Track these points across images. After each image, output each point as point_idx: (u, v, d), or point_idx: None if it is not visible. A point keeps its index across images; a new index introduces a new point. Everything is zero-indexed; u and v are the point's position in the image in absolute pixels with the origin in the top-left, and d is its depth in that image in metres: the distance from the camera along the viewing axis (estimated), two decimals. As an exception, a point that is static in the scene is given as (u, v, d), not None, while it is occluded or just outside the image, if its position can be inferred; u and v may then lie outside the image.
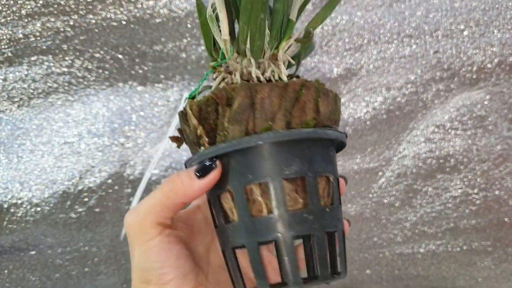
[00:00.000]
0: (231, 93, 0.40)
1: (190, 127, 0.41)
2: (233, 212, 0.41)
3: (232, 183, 0.40)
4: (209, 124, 0.40)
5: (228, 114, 0.40)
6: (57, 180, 0.71)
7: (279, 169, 0.40)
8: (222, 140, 0.40)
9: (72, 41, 0.68)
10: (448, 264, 0.79)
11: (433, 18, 0.72)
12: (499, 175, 0.76)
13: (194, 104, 0.40)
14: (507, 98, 0.74)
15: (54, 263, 0.74)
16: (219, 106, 0.40)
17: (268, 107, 0.40)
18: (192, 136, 0.41)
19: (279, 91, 0.41)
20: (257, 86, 0.40)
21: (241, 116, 0.40)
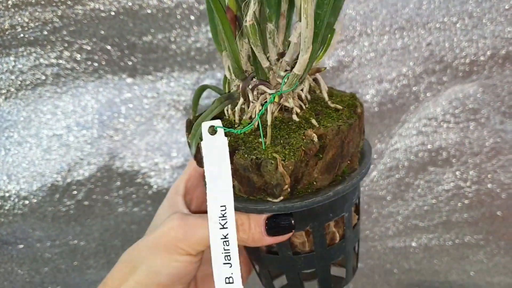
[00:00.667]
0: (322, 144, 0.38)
1: (266, 179, 0.38)
2: (305, 245, 0.43)
3: (312, 224, 0.41)
4: (296, 177, 0.39)
5: (319, 166, 0.39)
6: (46, 173, 0.70)
7: (351, 200, 0.43)
8: (306, 189, 0.39)
9: (61, 32, 0.67)
10: (440, 258, 0.79)
11: (425, 10, 0.71)
12: (491, 168, 0.75)
13: (289, 164, 0.37)
14: (499, 91, 0.74)
15: (43, 257, 0.73)
16: (310, 159, 0.38)
17: (351, 149, 0.41)
18: (265, 185, 0.39)
19: (357, 129, 0.41)
20: (345, 131, 0.39)
21: (332, 165, 0.39)
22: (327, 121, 0.40)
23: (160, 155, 0.72)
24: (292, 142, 0.38)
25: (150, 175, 0.73)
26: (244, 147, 0.39)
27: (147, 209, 0.74)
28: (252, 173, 0.38)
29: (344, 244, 0.44)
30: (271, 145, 0.38)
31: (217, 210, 0.38)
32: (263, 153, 0.38)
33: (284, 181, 0.37)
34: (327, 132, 0.38)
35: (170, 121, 0.72)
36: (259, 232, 0.39)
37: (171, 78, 0.70)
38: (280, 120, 0.40)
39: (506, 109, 0.74)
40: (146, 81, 0.70)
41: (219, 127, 0.39)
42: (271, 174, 0.37)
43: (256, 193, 0.39)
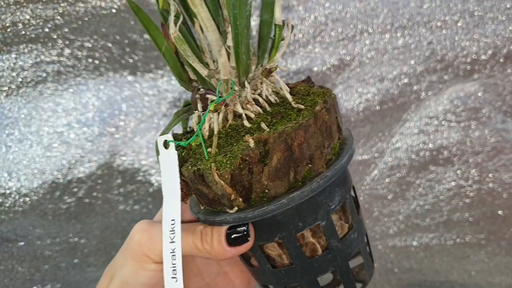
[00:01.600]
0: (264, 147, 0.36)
1: (213, 189, 0.37)
2: (283, 258, 0.41)
3: (280, 235, 0.39)
4: (243, 186, 0.37)
5: (266, 172, 0.36)
6: (46, 170, 0.70)
7: (326, 207, 0.39)
8: (261, 197, 0.37)
9: (62, 30, 0.67)
10: (441, 257, 0.79)
11: (427, 9, 0.71)
12: (493, 168, 0.75)
13: (225, 172, 0.35)
14: (501, 90, 0.73)
15: (43, 255, 0.73)
16: (253, 166, 0.36)
17: (305, 151, 0.38)
18: (217, 197, 0.38)
19: (312, 129, 0.38)
20: (291, 133, 0.36)
21: (282, 171, 0.37)
22: (280, 124, 0.37)
23: (160, 153, 0.72)
24: (234, 150, 0.36)
25: (150, 173, 0.73)
26: (192, 159, 0.38)
27: (147, 207, 0.73)
28: (200, 185, 0.37)
29: (330, 256, 0.40)
30: (215, 154, 0.37)
31: (169, 224, 0.38)
32: (205, 163, 0.36)
33: (226, 191, 0.36)
34: (268, 136, 0.36)
35: (171, 118, 0.72)
36: (220, 243, 0.38)
37: (172, 76, 0.70)
38: (233, 128, 0.39)
39: (507, 108, 0.74)
40: (147, 78, 0.70)
41: (170, 141, 0.38)
42: (214, 184, 0.36)
43: (214, 204, 0.38)
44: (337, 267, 0.41)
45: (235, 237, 0.38)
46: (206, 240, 0.38)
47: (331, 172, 0.38)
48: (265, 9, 0.37)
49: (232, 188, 0.36)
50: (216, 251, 0.38)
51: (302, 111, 0.39)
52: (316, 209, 0.38)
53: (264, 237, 0.39)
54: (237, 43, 0.36)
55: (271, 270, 0.41)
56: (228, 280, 0.47)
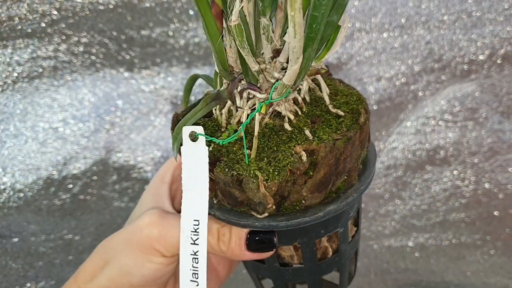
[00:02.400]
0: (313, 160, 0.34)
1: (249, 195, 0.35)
2: (294, 259, 0.40)
3: (301, 240, 0.38)
4: (281, 195, 0.35)
5: (309, 185, 0.35)
6: (41, 166, 0.70)
7: (347, 216, 0.39)
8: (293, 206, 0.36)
9: (58, 25, 0.67)
10: (437, 258, 0.78)
11: (425, 9, 0.71)
12: (489, 168, 0.75)
13: (272, 184, 0.33)
14: (498, 90, 0.73)
15: (38, 251, 0.73)
16: (298, 177, 0.34)
17: (348, 165, 0.36)
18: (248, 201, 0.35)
19: (357, 143, 0.36)
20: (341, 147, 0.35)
21: (324, 185, 0.35)
22: (323, 132, 0.36)
23: (156, 150, 0.72)
24: (279, 158, 0.34)
25: (146, 169, 0.72)
26: (226, 158, 0.35)
27: (142, 204, 0.73)
28: (234, 188, 0.35)
29: (338, 258, 0.41)
30: (255, 159, 0.35)
31: (190, 224, 0.35)
32: (246, 169, 0.34)
33: (267, 201, 0.34)
34: (319, 148, 0.34)
35: (167, 116, 0.71)
36: (239, 246, 0.36)
37: (169, 73, 0.70)
38: (270, 128, 0.37)
39: (504, 109, 0.74)
40: (143, 75, 0.70)
41: (200, 135, 0.35)
42: (253, 192, 0.34)
43: (240, 206, 0.36)
44: (339, 267, 0.42)
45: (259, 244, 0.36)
46: (223, 241, 0.37)
47: (363, 186, 0.38)
48: (337, 10, 0.34)
49: (273, 198, 0.34)
50: (233, 253, 0.36)
51: (341, 118, 0.37)
52: (339, 218, 0.38)
53: (283, 241, 0.38)
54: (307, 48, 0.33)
55: (278, 268, 0.40)
56: (212, 267, 0.46)
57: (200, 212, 0.35)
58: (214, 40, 0.35)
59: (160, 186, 0.44)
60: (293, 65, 0.33)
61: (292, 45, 0.32)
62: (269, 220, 0.35)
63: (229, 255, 0.37)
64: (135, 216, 0.43)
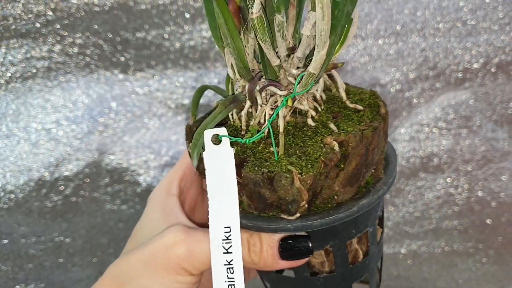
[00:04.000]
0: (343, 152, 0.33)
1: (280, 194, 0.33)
2: (324, 265, 0.38)
3: (333, 242, 0.36)
4: (314, 191, 0.34)
5: (341, 177, 0.34)
6: (33, 167, 0.69)
7: (375, 213, 0.38)
8: (325, 203, 0.34)
9: (53, 25, 0.66)
10: (429, 265, 0.78)
11: (420, 16, 0.71)
12: (482, 176, 0.75)
13: (308, 177, 0.32)
14: (492, 99, 0.74)
15: (27, 253, 0.72)
16: (330, 170, 0.33)
17: (375, 156, 0.36)
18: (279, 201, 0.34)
19: (382, 133, 0.36)
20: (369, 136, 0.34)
21: (356, 177, 0.34)
22: (347, 125, 0.35)
23: (150, 153, 0.72)
24: (309, 152, 0.33)
25: (139, 172, 0.72)
26: (253, 158, 0.34)
27: (135, 207, 0.73)
28: (264, 188, 0.33)
29: (368, 262, 0.39)
30: (284, 155, 0.33)
31: (221, 232, 0.33)
32: (276, 165, 0.33)
33: (301, 196, 0.33)
34: (349, 138, 0.33)
35: (161, 119, 0.71)
36: (272, 255, 0.34)
37: (164, 76, 0.70)
38: (293, 125, 0.36)
39: (497, 118, 0.74)
40: (138, 77, 0.70)
41: (224, 136, 0.34)
42: (286, 189, 0.32)
43: (269, 209, 0.35)
44: (369, 272, 0.40)
45: (293, 250, 0.34)
46: (254, 251, 0.34)
47: (391, 178, 0.37)
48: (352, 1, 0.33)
49: (308, 193, 0.33)
50: (265, 264, 0.34)
51: (360, 112, 0.37)
52: (369, 216, 0.37)
53: (315, 245, 0.36)
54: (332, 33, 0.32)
55: (308, 279, 0.38)
56: None
57: (231, 217, 0.33)
58: (234, 37, 0.34)
59: (168, 198, 0.42)
60: (320, 50, 0.32)
61: (320, 28, 0.31)
62: (302, 221, 0.34)
63: (262, 265, 0.35)
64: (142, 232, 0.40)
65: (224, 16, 0.33)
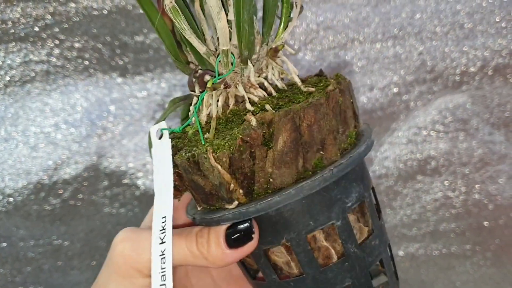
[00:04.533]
0: (268, 129, 0.31)
1: (210, 179, 0.32)
2: (291, 266, 0.35)
3: (288, 236, 0.33)
4: (244, 174, 0.32)
5: (271, 157, 0.32)
6: (32, 171, 0.70)
7: (342, 204, 0.34)
8: (265, 189, 0.32)
9: (52, 29, 0.66)
10: (427, 268, 0.79)
11: (417, 20, 0.72)
12: (479, 179, 0.76)
13: (222, 155, 0.31)
14: (489, 102, 0.74)
15: (26, 256, 0.72)
16: (255, 150, 0.31)
17: (316, 134, 0.33)
18: (214, 189, 0.33)
19: (324, 110, 0.33)
20: (299, 112, 0.32)
21: (289, 156, 0.32)
22: (287, 106, 0.33)
23: (148, 156, 0.72)
24: (233, 132, 0.32)
25: (137, 176, 0.72)
26: (188, 146, 0.34)
27: (133, 210, 0.73)
28: (195, 175, 0.33)
29: (347, 265, 0.34)
30: (212, 139, 0.33)
31: (159, 223, 0.33)
32: (200, 148, 0.32)
33: (224, 178, 0.31)
34: (274, 116, 0.31)
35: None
36: (218, 245, 0.33)
37: (162, 79, 0.70)
38: (235, 113, 0.35)
39: (494, 121, 0.74)
40: (136, 81, 0.70)
41: (163, 129, 0.35)
42: (209, 171, 0.31)
43: (212, 200, 0.34)
44: (355, 279, 0.35)
45: (236, 236, 0.33)
46: (201, 243, 0.33)
47: (346, 160, 0.33)
48: None
49: (231, 175, 0.31)
50: (214, 255, 0.33)
51: (312, 94, 0.34)
52: (329, 206, 0.33)
53: (269, 239, 0.34)
54: (238, 9, 0.32)
55: (278, 282, 0.35)
56: None
57: (165, 206, 0.33)
58: (163, 34, 0.35)
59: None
60: (217, 24, 0.31)
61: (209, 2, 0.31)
62: (240, 208, 0.32)
63: (212, 259, 0.33)
64: None
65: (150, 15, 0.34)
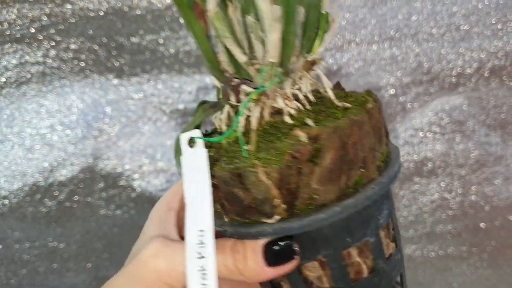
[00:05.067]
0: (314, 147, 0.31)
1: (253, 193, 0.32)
2: (323, 281, 0.35)
3: (325, 251, 0.33)
4: (288, 189, 0.32)
5: (318, 173, 0.32)
6: (27, 172, 0.69)
7: (376, 221, 0.35)
8: (307, 204, 0.32)
9: (48, 31, 0.66)
10: (424, 269, 0.79)
11: (414, 21, 0.72)
12: (476, 181, 0.76)
13: (272, 171, 0.31)
14: (485, 104, 0.74)
15: (21, 258, 0.72)
16: (303, 165, 0.31)
17: (359, 152, 0.33)
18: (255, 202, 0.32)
19: (366, 128, 0.33)
20: (346, 129, 0.32)
21: (335, 174, 0.32)
22: (327, 121, 0.33)
23: (144, 158, 0.72)
24: (279, 147, 0.32)
25: (133, 177, 0.72)
26: (225, 157, 0.33)
27: (129, 212, 0.73)
28: (236, 188, 0.32)
29: (376, 279, 0.35)
30: (255, 152, 0.32)
31: (195, 236, 0.32)
32: (244, 161, 0.32)
33: (271, 193, 0.31)
34: (321, 132, 0.31)
35: (156, 123, 0.71)
36: (256, 261, 0.32)
37: (159, 81, 0.70)
38: (271, 125, 0.35)
39: (491, 122, 0.74)
40: (133, 82, 0.70)
41: (197, 138, 0.34)
42: (256, 186, 0.31)
43: (249, 213, 0.33)
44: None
45: (277, 253, 0.32)
46: (238, 259, 0.32)
47: (385, 178, 0.34)
48: None
49: (278, 190, 0.31)
50: (252, 271, 0.32)
51: (348, 110, 0.34)
52: (366, 223, 0.34)
53: (306, 255, 0.33)
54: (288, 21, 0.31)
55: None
56: None
57: (203, 219, 0.32)
58: (200, 39, 0.34)
59: (166, 213, 0.40)
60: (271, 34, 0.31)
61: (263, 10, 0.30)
62: (282, 223, 0.32)
63: (248, 275, 0.32)
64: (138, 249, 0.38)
65: (188, 19, 0.33)
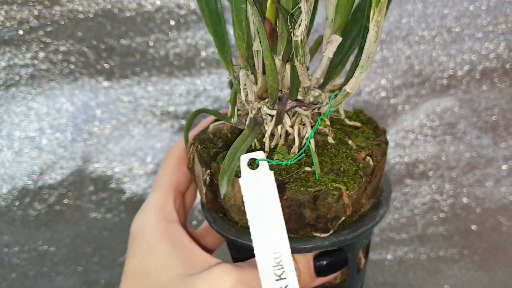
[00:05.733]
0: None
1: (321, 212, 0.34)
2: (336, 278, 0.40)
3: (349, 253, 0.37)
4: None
5: (369, 190, 0.36)
6: (16, 176, 0.69)
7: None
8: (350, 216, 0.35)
9: (37, 32, 0.66)
10: (415, 271, 0.79)
11: (405, 24, 0.72)
12: (467, 183, 0.76)
13: (354, 193, 0.33)
14: (476, 106, 0.74)
15: (11, 263, 0.71)
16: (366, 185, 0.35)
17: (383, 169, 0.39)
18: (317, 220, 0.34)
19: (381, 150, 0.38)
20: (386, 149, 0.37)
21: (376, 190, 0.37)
22: (358, 141, 0.37)
23: (135, 161, 0.71)
24: (343, 168, 0.34)
25: (124, 180, 0.71)
26: (292, 179, 0.34)
27: (120, 215, 0.72)
28: (307, 208, 0.34)
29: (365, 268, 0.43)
30: (321, 174, 0.34)
31: (270, 259, 0.32)
32: (320, 184, 0.33)
33: (345, 212, 0.34)
34: (373, 152, 0.35)
35: (146, 126, 0.71)
36: (309, 274, 0.34)
37: (149, 83, 0.69)
38: (317, 145, 0.37)
39: (482, 124, 0.75)
40: (123, 85, 0.69)
41: (262, 160, 0.34)
42: (330, 206, 0.33)
43: (302, 229, 0.35)
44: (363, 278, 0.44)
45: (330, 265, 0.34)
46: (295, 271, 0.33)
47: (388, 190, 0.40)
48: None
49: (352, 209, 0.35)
50: (303, 282, 0.34)
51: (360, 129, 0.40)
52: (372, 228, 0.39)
53: None
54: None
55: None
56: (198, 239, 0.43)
57: (279, 241, 0.32)
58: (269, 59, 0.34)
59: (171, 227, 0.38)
60: (363, 72, 0.33)
61: (370, 50, 0.33)
62: (337, 236, 0.34)
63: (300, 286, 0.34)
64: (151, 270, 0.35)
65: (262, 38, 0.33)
